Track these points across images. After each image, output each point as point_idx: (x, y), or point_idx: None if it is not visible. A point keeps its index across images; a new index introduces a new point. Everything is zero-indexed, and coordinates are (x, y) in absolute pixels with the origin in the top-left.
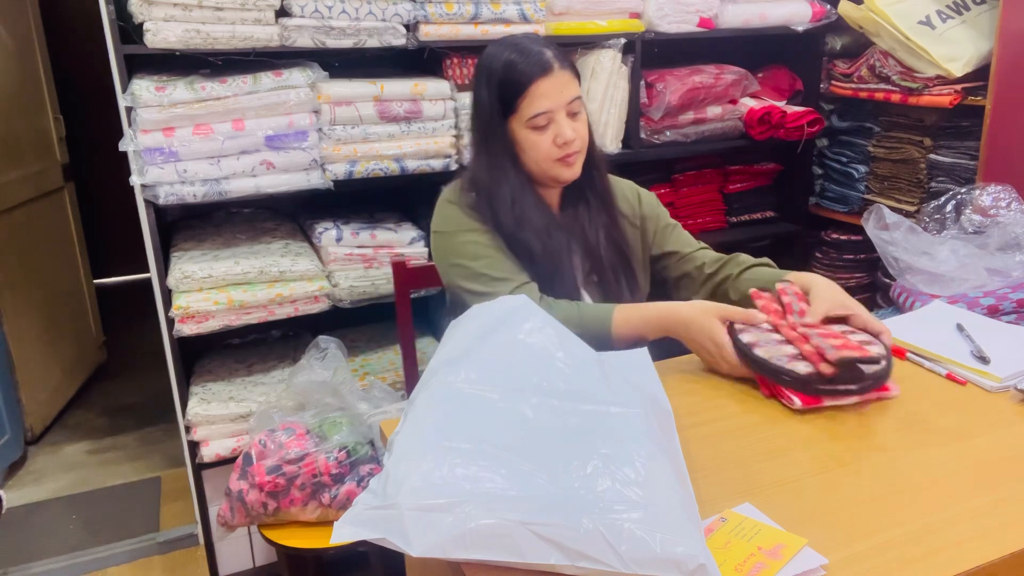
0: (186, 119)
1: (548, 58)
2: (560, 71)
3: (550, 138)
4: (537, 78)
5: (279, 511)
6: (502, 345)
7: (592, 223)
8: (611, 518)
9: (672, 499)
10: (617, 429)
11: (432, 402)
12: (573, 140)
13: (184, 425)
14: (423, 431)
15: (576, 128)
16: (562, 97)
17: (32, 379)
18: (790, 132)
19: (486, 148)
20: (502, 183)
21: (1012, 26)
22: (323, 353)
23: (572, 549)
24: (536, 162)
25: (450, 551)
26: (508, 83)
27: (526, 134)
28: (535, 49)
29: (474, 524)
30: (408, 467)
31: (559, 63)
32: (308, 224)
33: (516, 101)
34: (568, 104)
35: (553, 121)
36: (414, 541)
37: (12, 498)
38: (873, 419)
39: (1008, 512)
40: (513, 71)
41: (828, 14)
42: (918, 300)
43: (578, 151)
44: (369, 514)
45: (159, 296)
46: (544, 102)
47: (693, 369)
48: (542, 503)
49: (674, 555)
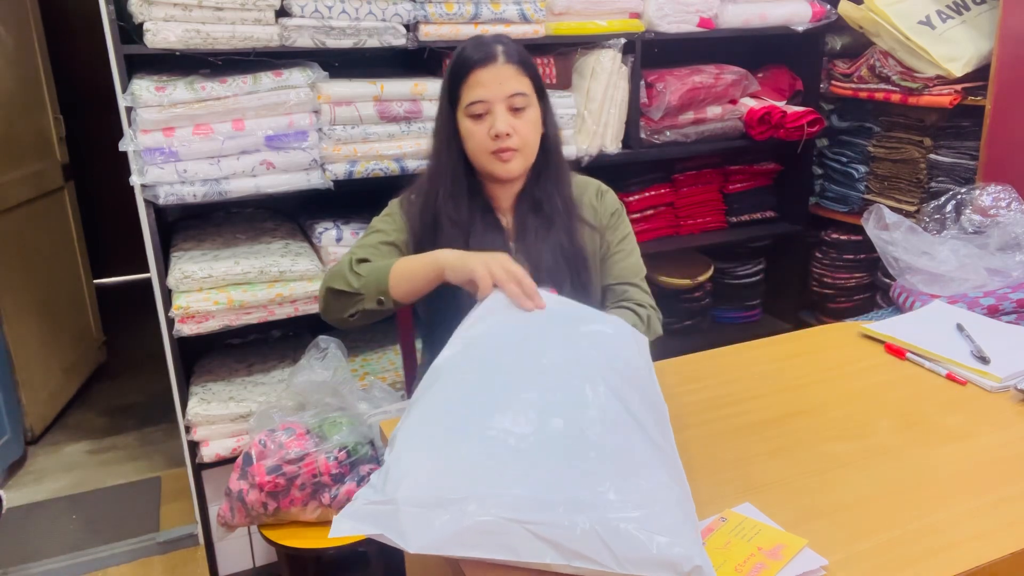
0: (186, 119)
1: (495, 51)
2: (504, 64)
3: (485, 129)
4: (477, 67)
5: (279, 511)
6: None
7: (540, 238)
8: (607, 518)
9: (669, 499)
10: (615, 429)
11: (433, 399)
12: (506, 135)
13: (184, 425)
14: (423, 428)
15: (515, 125)
16: (502, 89)
17: (32, 379)
18: (790, 132)
19: (435, 136)
20: (439, 170)
21: (1012, 26)
22: (323, 353)
23: (568, 548)
24: (474, 153)
25: (446, 548)
26: (453, 71)
27: (465, 123)
28: (487, 41)
29: (470, 522)
30: (407, 464)
31: (506, 57)
32: (308, 224)
33: (459, 89)
34: (509, 98)
35: (490, 112)
36: (411, 538)
37: (12, 498)
38: (873, 419)
39: (1008, 512)
40: (458, 59)
41: (828, 14)
42: (918, 300)
43: (515, 149)
44: (368, 509)
45: (159, 296)
46: (480, 91)
47: (694, 369)
48: (539, 502)
49: (670, 556)
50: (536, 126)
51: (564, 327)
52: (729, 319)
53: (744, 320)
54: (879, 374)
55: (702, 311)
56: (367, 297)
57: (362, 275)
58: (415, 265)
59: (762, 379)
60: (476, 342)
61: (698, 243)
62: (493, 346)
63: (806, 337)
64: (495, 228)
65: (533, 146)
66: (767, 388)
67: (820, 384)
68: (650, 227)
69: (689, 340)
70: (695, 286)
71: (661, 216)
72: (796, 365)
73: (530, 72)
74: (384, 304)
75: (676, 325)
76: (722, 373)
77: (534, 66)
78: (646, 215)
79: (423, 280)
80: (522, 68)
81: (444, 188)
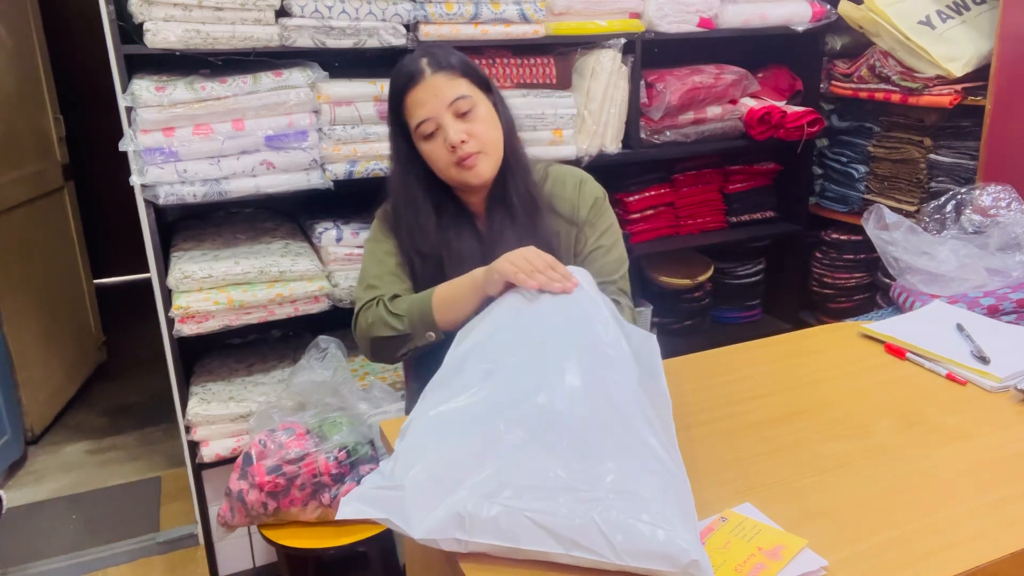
0: (186, 119)
1: (419, 66)
2: (433, 75)
3: (442, 144)
4: (408, 90)
5: (279, 511)
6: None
7: (517, 234)
8: (607, 509)
9: (668, 493)
10: (618, 422)
11: (446, 391)
12: (461, 142)
13: (184, 425)
14: (433, 418)
15: (468, 129)
16: (439, 100)
17: (32, 379)
18: (790, 132)
19: (395, 167)
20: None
21: (1012, 26)
22: (323, 353)
23: (567, 538)
24: (440, 171)
25: (448, 532)
26: (391, 101)
27: (422, 146)
28: (407, 60)
29: (473, 508)
30: (416, 452)
31: (432, 68)
32: (308, 224)
33: (402, 116)
34: (450, 105)
35: (440, 126)
36: (415, 523)
37: (12, 498)
38: (873, 419)
39: (1008, 512)
40: (391, 88)
41: (828, 14)
42: (918, 300)
43: (476, 152)
44: (374, 493)
45: (159, 296)
46: (420, 110)
47: (694, 369)
48: (539, 491)
49: (668, 549)
50: (492, 122)
51: (573, 319)
52: (729, 319)
53: (744, 320)
54: (879, 374)
55: (702, 311)
56: (416, 336)
57: (403, 315)
58: (456, 292)
59: (762, 379)
60: (485, 335)
61: (698, 243)
62: (501, 340)
63: (806, 337)
64: (470, 236)
65: (496, 143)
66: (767, 388)
67: (820, 384)
68: (650, 227)
69: (689, 340)
70: (695, 286)
71: (661, 216)
72: (796, 365)
73: (465, 71)
74: (436, 337)
75: (676, 325)
76: (722, 373)
77: (469, 64)
78: (646, 215)
79: (469, 304)
80: (453, 71)
81: (409, 220)
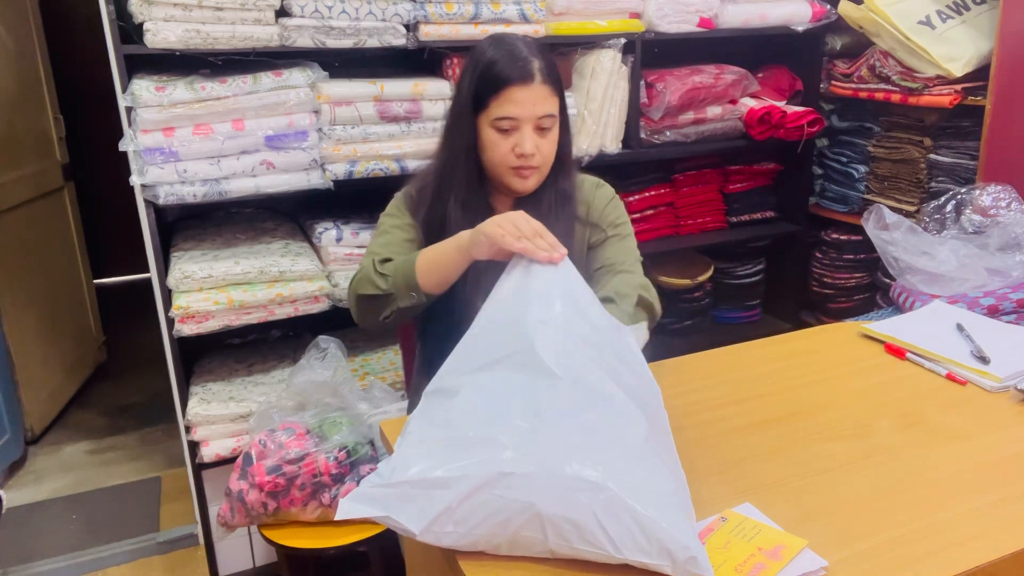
0: (186, 119)
1: (532, 68)
2: (541, 84)
3: (510, 145)
4: (514, 83)
5: (279, 511)
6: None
7: None
8: (606, 503)
9: (667, 489)
10: (617, 418)
11: (448, 391)
12: (532, 155)
13: (184, 425)
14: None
15: (540, 145)
16: (534, 110)
17: (32, 379)
18: (790, 132)
19: (450, 137)
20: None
21: (1012, 26)
22: (323, 353)
23: (566, 531)
24: (492, 164)
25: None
26: (486, 80)
27: (489, 133)
28: (523, 55)
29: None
30: (416, 452)
31: (543, 76)
32: (308, 224)
33: (488, 99)
34: (539, 119)
35: (518, 130)
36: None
37: (12, 498)
38: (873, 419)
39: (1008, 512)
40: (493, 70)
41: (828, 14)
42: (918, 300)
43: (536, 167)
44: (374, 492)
45: (159, 296)
46: (514, 108)
47: (694, 369)
48: (539, 485)
49: (667, 544)
50: (555, 141)
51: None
52: (729, 319)
53: (744, 320)
54: (879, 374)
55: (702, 311)
56: (398, 295)
57: (388, 275)
58: (440, 254)
59: (762, 379)
60: (486, 327)
61: (698, 243)
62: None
63: (806, 337)
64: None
65: (551, 162)
66: (767, 388)
67: (820, 384)
68: (650, 227)
69: (689, 340)
70: (695, 286)
71: (661, 216)
72: (796, 365)
73: (560, 90)
74: (417, 299)
75: (676, 325)
76: (722, 373)
77: (561, 81)
78: (646, 215)
79: (452, 266)
80: (555, 88)
81: (457, 196)
